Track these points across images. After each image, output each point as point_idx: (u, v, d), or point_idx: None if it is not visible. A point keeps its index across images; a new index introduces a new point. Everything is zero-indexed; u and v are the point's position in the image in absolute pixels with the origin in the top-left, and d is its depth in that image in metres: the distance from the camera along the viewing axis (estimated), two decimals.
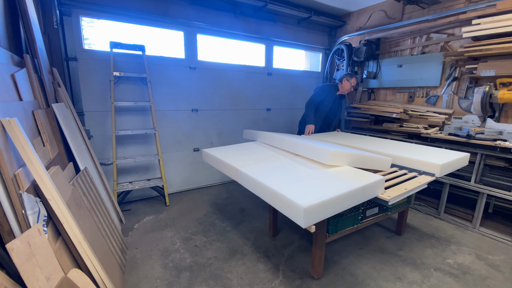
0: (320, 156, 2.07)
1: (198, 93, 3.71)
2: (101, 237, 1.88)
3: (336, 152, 2.00)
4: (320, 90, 3.45)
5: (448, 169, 2.13)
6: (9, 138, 1.31)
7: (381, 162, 2.14)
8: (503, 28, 2.59)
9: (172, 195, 3.61)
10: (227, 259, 2.27)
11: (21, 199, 1.24)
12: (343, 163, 2.02)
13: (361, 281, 2.02)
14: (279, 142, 2.64)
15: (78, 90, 2.94)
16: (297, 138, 2.61)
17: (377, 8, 4.04)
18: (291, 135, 2.96)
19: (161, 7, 3.25)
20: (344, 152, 2.03)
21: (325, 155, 2.01)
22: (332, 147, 2.17)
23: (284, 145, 2.55)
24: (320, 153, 2.07)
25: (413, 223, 2.93)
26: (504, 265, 2.24)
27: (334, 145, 2.44)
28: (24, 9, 1.99)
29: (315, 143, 2.28)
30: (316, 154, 2.12)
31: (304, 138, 2.74)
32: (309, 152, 2.22)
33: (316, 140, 2.74)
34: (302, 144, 2.33)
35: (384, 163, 2.15)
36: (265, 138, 2.86)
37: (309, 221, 1.38)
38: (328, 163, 1.99)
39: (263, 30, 4.09)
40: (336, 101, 3.51)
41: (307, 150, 2.25)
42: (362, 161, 2.07)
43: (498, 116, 2.85)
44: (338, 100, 3.53)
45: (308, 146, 2.24)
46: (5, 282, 1.11)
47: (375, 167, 2.11)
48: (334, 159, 1.99)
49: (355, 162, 2.05)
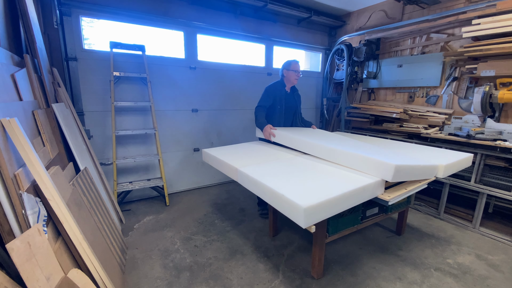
0: (375, 170, 1.72)
1: (198, 93, 3.71)
2: (101, 237, 1.87)
3: (401, 167, 1.64)
4: (265, 94, 2.93)
5: (452, 170, 2.08)
6: (9, 138, 1.31)
7: (431, 170, 1.92)
8: (503, 28, 2.59)
9: (172, 195, 3.61)
10: (227, 259, 2.27)
11: (21, 199, 1.24)
12: (405, 178, 1.71)
13: (361, 281, 2.02)
14: (302, 145, 2.35)
15: (78, 90, 2.94)
16: (330, 143, 2.20)
17: (377, 8, 4.04)
18: (313, 136, 2.54)
19: (161, 7, 3.25)
20: (409, 166, 1.69)
21: (387, 170, 1.64)
22: (384, 155, 1.84)
23: (314, 151, 2.23)
24: (377, 167, 1.69)
25: (413, 223, 2.93)
26: (504, 265, 2.24)
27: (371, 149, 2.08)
28: (24, 9, 1.99)
29: (354, 150, 1.93)
30: (368, 167, 1.75)
31: (335, 143, 2.23)
32: (357, 164, 1.85)
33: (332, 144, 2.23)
34: (342, 152, 1.96)
35: (432, 172, 1.93)
36: (282, 139, 2.58)
37: (309, 221, 1.38)
38: (391, 180, 1.65)
39: (263, 30, 4.09)
40: (289, 96, 3.03)
41: (352, 160, 1.88)
42: (422, 172, 1.83)
43: (498, 116, 2.85)
44: (291, 95, 3.05)
45: (354, 156, 1.87)
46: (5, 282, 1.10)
47: (424, 177, 1.89)
48: (398, 176, 1.65)
49: (414, 175, 1.79)
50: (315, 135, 2.60)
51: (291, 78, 2.95)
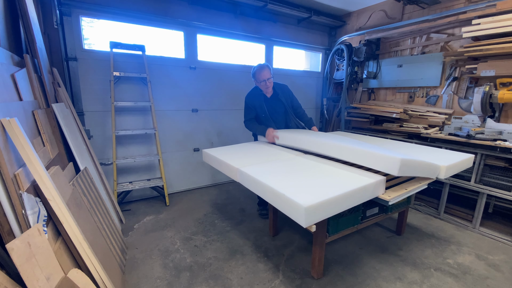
0: (381, 165, 1.75)
1: (198, 93, 3.71)
2: (101, 237, 1.87)
3: (407, 162, 1.67)
4: (246, 107, 2.84)
5: (453, 170, 2.06)
6: (9, 138, 1.31)
7: (434, 169, 1.93)
8: (503, 28, 2.59)
9: (172, 195, 3.61)
10: (227, 259, 2.27)
11: (21, 199, 1.24)
12: (409, 173, 1.74)
13: (361, 281, 2.02)
14: (307, 144, 2.34)
15: (78, 90, 2.94)
16: (335, 141, 2.18)
17: (377, 8, 4.04)
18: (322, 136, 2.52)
19: (161, 7, 3.25)
20: (414, 161, 1.73)
21: (392, 164, 1.67)
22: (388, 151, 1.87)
23: (320, 149, 2.21)
24: (384, 162, 1.73)
25: (413, 223, 2.93)
26: (504, 265, 2.24)
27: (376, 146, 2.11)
28: (24, 9, 1.99)
29: (363, 147, 1.93)
30: (374, 162, 1.79)
31: (340, 141, 2.21)
32: (365, 160, 1.86)
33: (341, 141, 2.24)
34: (348, 148, 1.97)
35: (435, 171, 1.94)
36: (286, 140, 2.56)
37: (310, 220, 1.38)
38: (397, 174, 1.68)
39: (263, 30, 4.09)
40: (270, 100, 2.83)
41: (358, 156, 1.90)
42: (426, 169, 1.85)
43: (498, 116, 2.85)
44: (272, 98, 2.83)
45: (360, 152, 1.88)
46: (5, 282, 1.10)
47: (427, 175, 1.90)
48: (404, 170, 1.68)
49: (418, 171, 1.82)
50: (319, 135, 2.59)
51: (262, 88, 2.74)
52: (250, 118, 2.84)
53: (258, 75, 2.67)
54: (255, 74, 2.70)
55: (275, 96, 2.84)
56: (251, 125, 2.84)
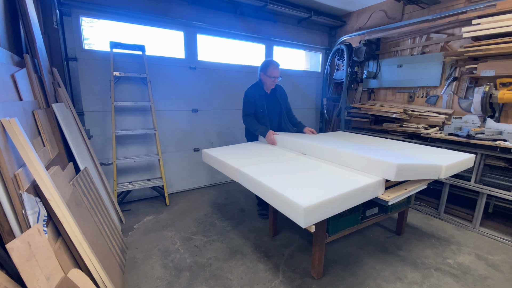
0: (378, 170, 1.75)
1: (198, 93, 3.71)
2: (101, 237, 1.87)
3: (404, 166, 1.66)
4: (246, 101, 2.80)
5: (453, 170, 2.06)
6: (9, 138, 1.31)
7: (433, 170, 1.91)
8: (503, 28, 2.59)
9: (172, 195, 3.61)
10: (227, 259, 2.27)
11: (21, 199, 1.24)
12: (407, 177, 1.73)
13: (361, 281, 2.02)
14: (305, 148, 2.37)
15: (78, 90, 2.94)
16: (331, 145, 2.21)
17: (377, 8, 4.04)
18: (322, 139, 2.55)
19: (161, 7, 3.25)
20: (412, 165, 1.71)
21: (389, 169, 1.67)
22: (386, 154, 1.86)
23: (317, 153, 2.25)
24: (381, 167, 1.73)
25: (413, 223, 2.93)
26: (504, 265, 2.24)
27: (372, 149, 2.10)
28: (24, 9, 1.99)
29: (360, 151, 1.95)
30: (371, 167, 1.79)
31: (337, 145, 2.25)
32: (360, 165, 1.87)
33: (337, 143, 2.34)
34: (344, 153, 1.99)
35: (434, 172, 1.92)
36: (285, 143, 2.60)
37: (309, 221, 1.38)
38: (394, 179, 1.68)
39: (263, 30, 4.09)
40: (270, 97, 2.86)
41: (355, 161, 1.91)
42: (424, 172, 1.84)
43: (498, 116, 2.85)
44: (272, 95, 2.87)
45: (356, 157, 1.89)
46: (5, 282, 1.10)
47: (426, 177, 1.89)
48: (401, 174, 1.67)
49: (416, 175, 1.80)
50: (316, 138, 2.62)
51: (267, 83, 2.76)
52: (249, 113, 2.80)
53: (272, 70, 2.69)
54: (268, 68, 2.70)
55: (273, 94, 2.91)
56: (251, 122, 2.79)
